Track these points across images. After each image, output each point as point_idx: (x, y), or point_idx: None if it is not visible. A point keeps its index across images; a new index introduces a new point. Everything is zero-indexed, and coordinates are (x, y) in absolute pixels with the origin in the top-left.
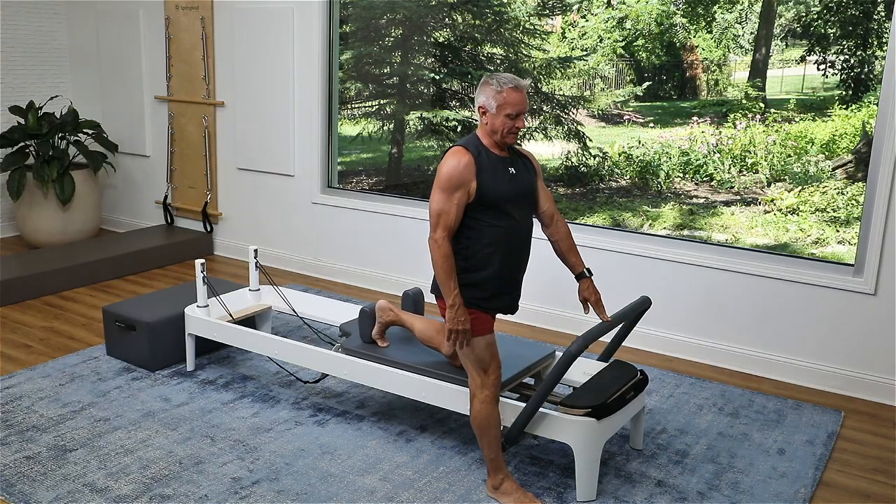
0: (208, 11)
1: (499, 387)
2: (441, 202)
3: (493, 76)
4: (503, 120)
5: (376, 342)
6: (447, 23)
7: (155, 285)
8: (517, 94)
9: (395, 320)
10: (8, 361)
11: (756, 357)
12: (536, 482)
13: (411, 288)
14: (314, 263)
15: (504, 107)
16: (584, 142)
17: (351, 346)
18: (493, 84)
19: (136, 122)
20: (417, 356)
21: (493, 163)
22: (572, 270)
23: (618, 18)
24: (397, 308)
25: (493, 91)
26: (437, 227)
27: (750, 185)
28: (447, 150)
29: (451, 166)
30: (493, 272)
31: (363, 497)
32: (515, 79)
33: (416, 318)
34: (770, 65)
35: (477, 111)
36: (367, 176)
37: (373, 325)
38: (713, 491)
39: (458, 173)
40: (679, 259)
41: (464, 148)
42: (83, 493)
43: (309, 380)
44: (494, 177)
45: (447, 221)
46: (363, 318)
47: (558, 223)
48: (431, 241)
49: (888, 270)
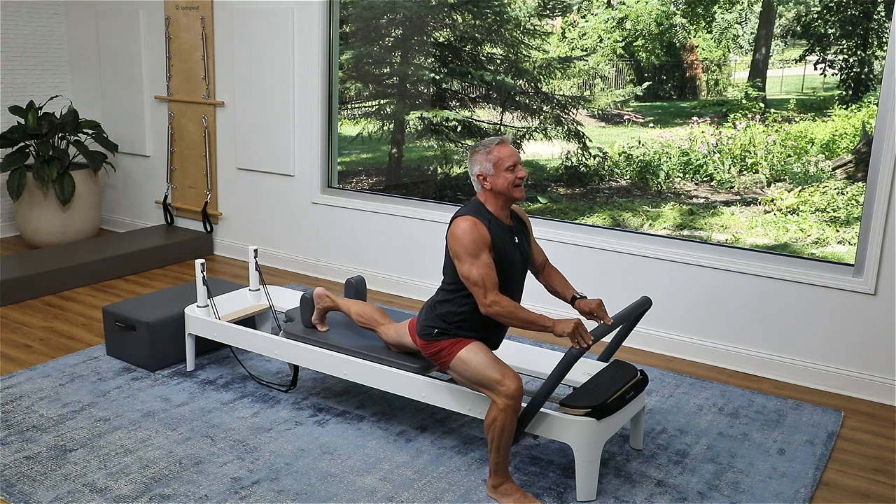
0: (208, 11)
1: (520, 397)
2: (478, 267)
3: (477, 144)
4: (504, 175)
5: (316, 327)
6: (447, 23)
7: (155, 285)
8: (506, 148)
9: (332, 306)
10: (8, 361)
11: (756, 357)
12: (536, 482)
13: (354, 276)
14: (314, 263)
15: (500, 163)
16: (583, 142)
17: (293, 331)
18: (480, 150)
19: (136, 122)
20: (354, 340)
21: (502, 232)
22: (564, 299)
23: (618, 19)
24: (333, 294)
25: (483, 155)
26: (488, 293)
27: (750, 185)
28: (455, 219)
29: (470, 231)
30: (480, 335)
31: (363, 497)
32: (497, 137)
33: (352, 303)
34: (770, 65)
35: (476, 181)
36: (367, 176)
37: (313, 310)
38: (713, 491)
39: (481, 236)
40: (679, 259)
41: (474, 218)
42: (83, 493)
43: (282, 388)
44: (505, 247)
45: (493, 281)
46: (304, 304)
47: (550, 270)
48: (490, 308)
49: (888, 270)
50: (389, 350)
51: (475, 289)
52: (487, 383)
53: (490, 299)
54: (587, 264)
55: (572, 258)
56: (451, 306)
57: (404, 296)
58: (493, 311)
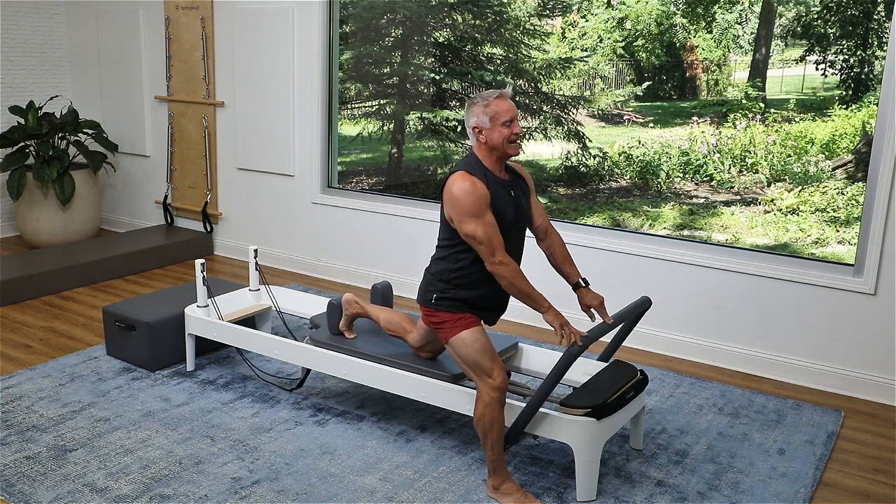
0: (208, 11)
1: (504, 390)
2: (483, 227)
3: (476, 96)
4: (500, 131)
5: (343, 334)
6: (447, 23)
7: (155, 285)
8: (504, 102)
9: (361, 312)
10: (8, 361)
11: (756, 357)
12: (536, 482)
13: (380, 282)
14: (314, 263)
15: (497, 117)
16: (583, 142)
17: (319, 338)
18: (478, 102)
19: (136, 122)
20: (383, 347)
21: (498, 187)
22: (568, 280)
23: (618, 19)
24: (363, 300)
25: (480, 108)
26: (494, 251)
27: (750, 185)
28: (451, 175)
29: (471, 192)
30: (483, 292)
31: (363, 497)
32: (497, 90)
33: (381, 310)
34: (770, 65)
35: (472, 133)
36: (367, 176)
37: (340, 317)
38: (713, 491)
39: (482, 195)
40: (679, 259)
41: (470, 174)
42: (83, 493)
43: (292, 387)
44: (500, 202)
45: (498, 241)
46: (331, 310)
47: (552, 236)
48: (497, 267)
49: (888, 270)
50: (418, 357)
51: (481, 247)
52: (479, 369)
53: (498, 258)
54: (587, 264)
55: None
56: (446, 263)
57: (405, 296)
58: (498, 271)
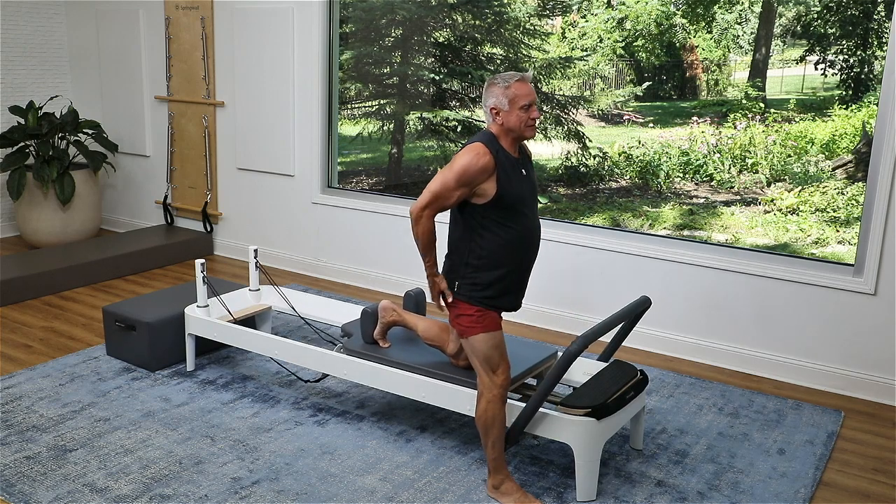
0: (208, 11)
1: (507, 388)
2: (446, 186)
3: (496, 76)
4: (518, 114)
5: (378, 343)
6: (447, 23)
7: (155, 285)
8: (525, 86)
9: (398, 320)
10: (8, 361)
11: (756, 357)
12: (536, 482)
13: (413, 288)
14: (314, 263)
15: (516, 100)
16: (583, 142)
17: (353, 347)
18: (498, 83)
19: (136, 122)
20: (419, 356)
21: (511, 166)
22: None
23: (618, 19)
24: (400, 308)
25: (500, 89)
26: (429, 205)
27: (750, 185)
28: (467, 143)
29: (470, 162)
30: (504, 272)
31: (363, 497)
32: (518, 73)
33: (419, 318)
34: (770, 65)
35: (489, 114)
36: (367, 176)
37: (375, 325)
38: (713, 491)
39: (475, 170)
40: (679, 259)
41: (485, 147)
42: (83, 493)
43: (310, 379)
44: (511, 178)
45: (441, 205)
46: (365, 318)
47: None
48: (417, 212)
49: (888, 270)
50: (455, 366)
51: (425, 193)
52: (490, 365)
53: (425, 212)
54: (587, 264)
55: (572, 258)
56: (468, 243)
57: None
58: (415, 218)
